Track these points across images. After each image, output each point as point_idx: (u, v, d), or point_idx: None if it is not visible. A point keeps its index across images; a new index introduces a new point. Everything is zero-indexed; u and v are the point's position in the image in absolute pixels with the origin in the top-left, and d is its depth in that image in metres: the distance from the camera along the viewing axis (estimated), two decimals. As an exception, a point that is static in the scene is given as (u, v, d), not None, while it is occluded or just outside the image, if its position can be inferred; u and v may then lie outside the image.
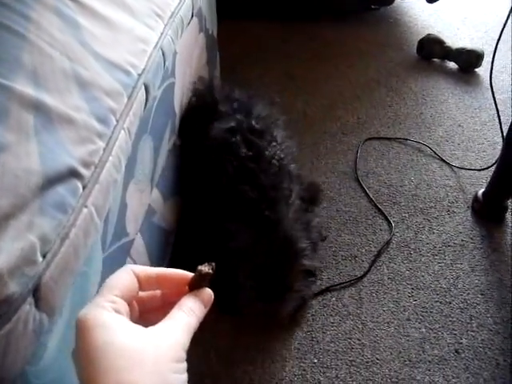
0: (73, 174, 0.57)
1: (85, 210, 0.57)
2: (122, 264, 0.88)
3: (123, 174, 0.82)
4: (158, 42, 0.85)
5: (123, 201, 0.84)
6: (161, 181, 1.10)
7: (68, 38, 0.66)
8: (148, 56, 0.79)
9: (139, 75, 0.75)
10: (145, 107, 0.78)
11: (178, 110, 1.20)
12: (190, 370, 0.41)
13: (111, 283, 0.44)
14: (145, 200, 0.99)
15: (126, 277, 0.44)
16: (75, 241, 0.56)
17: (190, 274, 0.45)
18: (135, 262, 0.95)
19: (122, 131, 0.67)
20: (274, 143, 1.21)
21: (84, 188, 0.58)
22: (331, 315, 1.22)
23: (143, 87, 0.76)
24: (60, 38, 0.64)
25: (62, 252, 0.54)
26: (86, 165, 0.59)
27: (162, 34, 0.87)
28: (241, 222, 1.10)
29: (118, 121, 0.67)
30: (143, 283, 0.45)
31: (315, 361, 1.15)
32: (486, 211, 1.46)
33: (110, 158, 0.63)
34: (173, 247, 1.20)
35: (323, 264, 1.23)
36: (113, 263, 0.83)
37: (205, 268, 0.44)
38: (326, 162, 1.63)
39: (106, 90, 0.66)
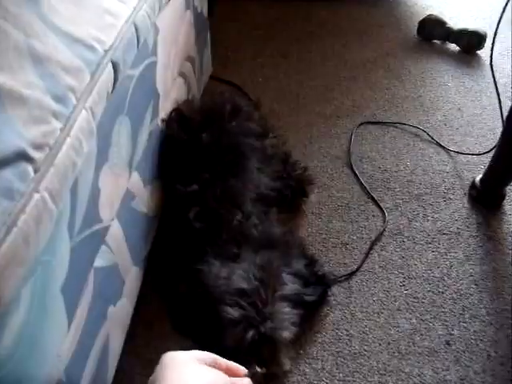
0: (22, 156, 0.52)
1: (36, 196, 0.53)
2: (94, 252, 0.84)
3: (95, 158, 0.78)
4: (130, 17, 0.79)
5: (95, 185, 0.80)
6: (141, 164, 1.05)
7: (25, 12, 0.60)
8: (118, 31, 0.74)
9: (106, 51, 0.70)
10: (113, 86, 0.73)
11: (161, 90, 1.15)
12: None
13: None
14: (122, 184, 0.94)
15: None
16: (25, 229, 0.52)
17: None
18: (111, 250, 0.91)
19: (84, 111, 0.63)
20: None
21: (36, 172, 0.53)
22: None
23: (110, 65, 0.71)
24: (15, 12, 0.59)
25: (8, 241, 0.49)
26: (39, 147, 0.54)
27: (135, 8, 0.82)
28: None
29: (78, 100, 0.62)
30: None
31: (301, 351, 1.11)
32: (483, 198, 1.41)
33: (68, 139, 0.59)
34: (156, 232, 1.16)
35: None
36: (84, 251, 0.79)
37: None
38: (319, 146, 1.58)
39: (65, 67, 0.61)
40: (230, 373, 0.65)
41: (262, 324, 0.97)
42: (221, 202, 1.13)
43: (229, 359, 0.69)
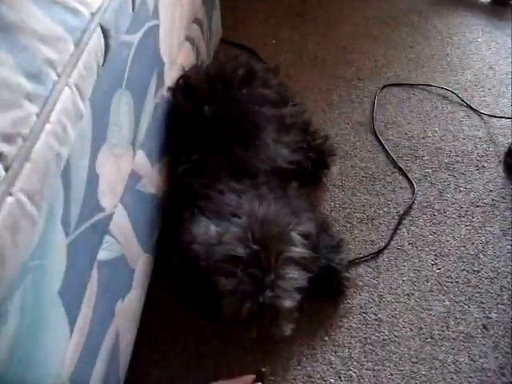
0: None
1: (9, 200, 0.44)
2: (96, 245, 0.76)
3: (90, 142, 0.68)
4: (123, -27, 0.68)
5: (92, 171, 0.71)
6: (147, 141, 0.95)
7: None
8: (108, -10, 0.63)
9: (93, 15, 0.59)
10: (105, 57, 0.62)
11: (166, 57, 1.04)
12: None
13: None
14: (125, 166, 0.85)
15: None
16: (-3, 242, 0.43)
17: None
18: (117, 240, 0.82)
19: (67, 89, 0.53)
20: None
21: (6, 170, 0.44)
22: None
23: (99, 30, 0.60)
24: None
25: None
26: (9, 139, 0.44)
27: (129, -37, 0.70)
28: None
29: (59, 76, 0.52)
30: None
31: (326, 338, 1.04)
32: (520, 166, 1.29)
33: (48, 125, 0.49)
34: (165, 212, 1.07)
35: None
36: (84, 246, 0.70)
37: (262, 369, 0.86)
38: (340, 112, 1.46)
39: (41, 36, 0.51)
40: None
41: (260, 294, 0.87)
42: (225, 174, 1.03)
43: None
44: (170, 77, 1.12)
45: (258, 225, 0.91)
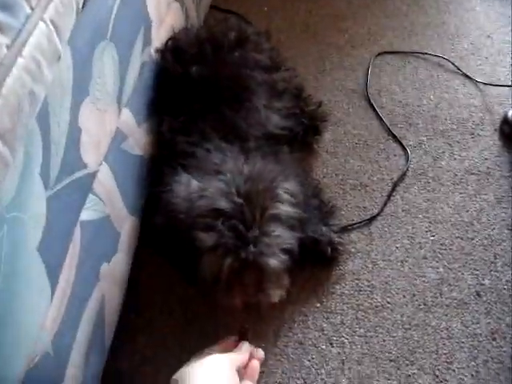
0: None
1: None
2: (79, 203, 0.72)
3: (71, 91, 0.64)
4: None
5: (74, 124, 0.67)
6: (133, 100, 0.92)
7: None
8: None
9: None
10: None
11: (153, 14, 1.00)
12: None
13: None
14: (110, 123, 0.81)
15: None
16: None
17: None
18: (101, 200, 0.79)
19: (42, 24, 0.49)
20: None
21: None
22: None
23: (81, -34, 0.56)
24: None
25: None
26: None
27: None
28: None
29: (33, 8, 0.48)
30: None
31: (318, 305, 1.02)
32: (516, 134, 1.27)
33: (20, 59, 0.45)
34: (152, 175, 1.03)
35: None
36: (65, 203, 0.67)
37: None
38: (333, 79, 1.42)
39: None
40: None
41: (242, 249, 0.81)
42: (214, 134, 0.98)
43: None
44: (159, 37, 1.07)
45: (242, 180, 0.86)
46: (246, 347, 0.84)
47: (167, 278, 1.04)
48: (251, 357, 0.83)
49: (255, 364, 0.82)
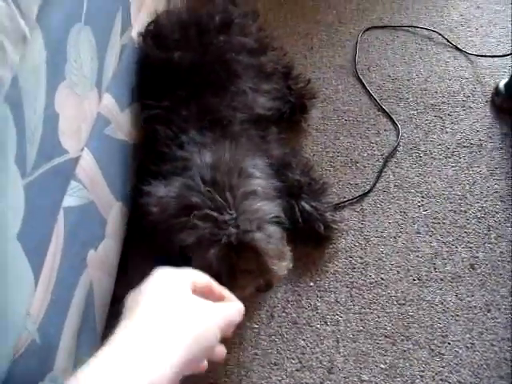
0: None
1: None
2: (60, 190, 0.71)
3: (45, 75, 0.63)
4: None
5: (51, 108, 0.66)
6: (114, 85, 0.90)
7: None
8: None
9: None
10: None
11: (132, -4, 0.97)
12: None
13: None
14: (90, 108, 0.80)
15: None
16: None
17: None
18: (84, 186, 0.78)
19: (1, 2, 0.47)
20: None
21: None
22: (329, 231, 1.07)
23: None
24: None
25: None
26: None
27: None
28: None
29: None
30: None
31: (311, 284, 1.02)
32: (508, 105, 1.25)
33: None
34: (140, 162, 1.02)
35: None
36: (45, 189, 0.66)
37: None
38: (321, 56, 1.40)
39: None
40: (222, 299, 0.63)
41: (223, 234, 0.78)
42: (197, 123, 0.96)
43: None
44: (139, 20, 1.05)
45: (207, 169, 0.83)
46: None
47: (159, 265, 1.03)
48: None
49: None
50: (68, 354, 0.73)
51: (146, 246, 1.04)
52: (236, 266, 0.82)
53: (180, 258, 0.81)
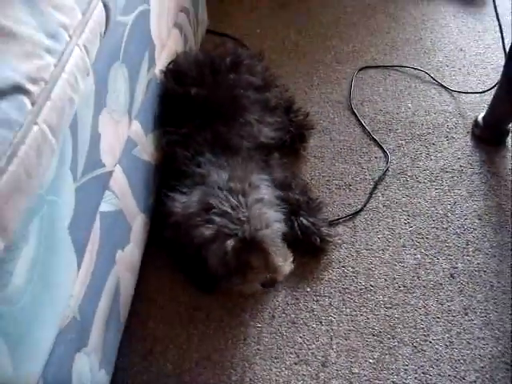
0: (18, 89, 0.53)
1: (35, 128, 0.55)
2: (99, 196, 0.86)
3: (93, 100, 0.79)
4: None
5: (95, 129, 0.81)
6: (141, 113, 1.06)
7: None
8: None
9: (95, -10, 0.70)
10: (106, 28, 0.73)
11: (156, 39, 1.15)
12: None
13: None
14: (122, 131, 0.95)
15: None
16: (26, 160, 0.53)
17: None
18: (116, 195, 0.93)
19: (77, 48, 0.64)
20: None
21: (33, 105, 0.55)
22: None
23: (101, 4, 0.71)
24: None
25: (10, 171, 0.51)
26: (34, 81, 0.55)
27: None
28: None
29: (71, 37, 0.63)
30: None
31: (308, 289, 1.14)
32: (486, 136, 1.40)
33: (63, 74, 0.60)
34: (160, 181, 1.17)
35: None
36: (88, 194, 0.81)
37: None
38: (320, 92, 1.57)
39: (55, 5, 0.62)
40: None
41: (238, 229, 0.93)
42: (211, 148, 1.12)
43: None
44: (161, 59, 1.22)
45: (223, 182, 1.00)
46: None
47: (175, 271, 1.17)
48: None
49: None
50: (98, 334, 0.86)
51: (163, 256, 1.18)
52: (247, 262, 0.96)
53: (196, 257, 0.96)
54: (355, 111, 1.50)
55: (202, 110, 1.17)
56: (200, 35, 1.66)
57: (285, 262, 1.02)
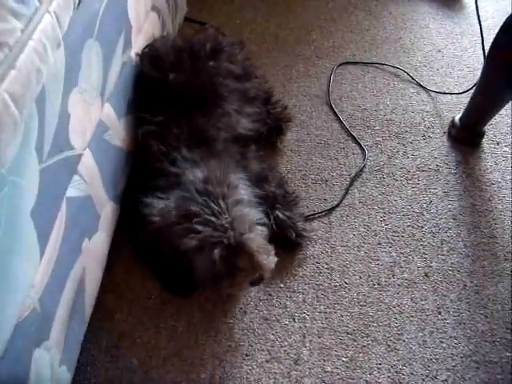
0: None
1: (-5, 97, 0.50)
2: (66, 180, 0.81)
3: (63, 77, 0.74)
4: None
5: (64, 109, 0.76)
6: (114, 96, 1.01)
7: None
8: None
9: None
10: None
11: (133, 20, 1.10)
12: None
13: None
14: (94, 114, 0.90)
15: None
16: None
17: None
18: (84, 181, 0.88)
19: (47, 15, 0.59)
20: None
21: (-6, 72, 0.50)
22: (299, 239, 1.18)
23: (75, -29, 0.67)
24: None
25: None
26: (-4, 45, 0.50)
27: None
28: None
29: (41, 1, 0.58)
30: None
31: (281, 285, 1.12)
32: (462, 136, 1.40)
33: (31, 42, 0.55)
34: (131, 169, 1.12)
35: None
36: (54, 177, 0.76)
37: None
38: (299, 85, 1.55)
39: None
40: None
41: (223, 236, 0.91)
42: (187, 141, 1.08)
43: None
44: (138, 42, 1.17)
45: (199, 183, 0.96)
46: None
47: (144, 262, 1.12)
48: None
49: None
50: (61, 327, 0.81)
51: (132, 246, 1.14)
52: (235, 265, 0.94)
53: (177, 264, 0.92)
54: (333, 106, 1.48)
55: (179, 97, 1.13)
56: (178, 21, 1.61)
57: (269, 258, 0.99)
